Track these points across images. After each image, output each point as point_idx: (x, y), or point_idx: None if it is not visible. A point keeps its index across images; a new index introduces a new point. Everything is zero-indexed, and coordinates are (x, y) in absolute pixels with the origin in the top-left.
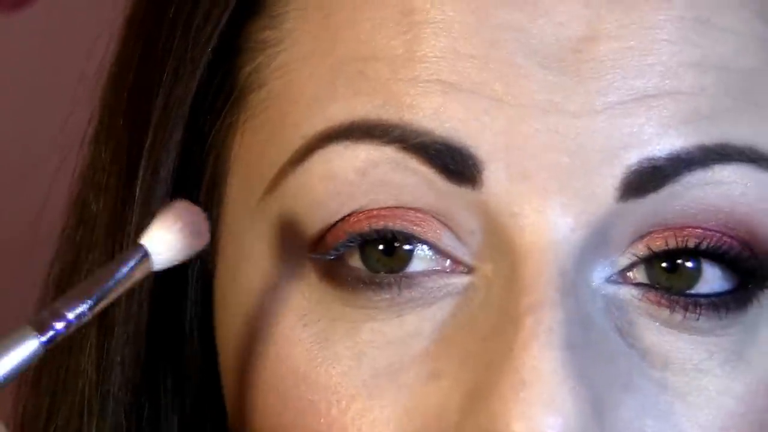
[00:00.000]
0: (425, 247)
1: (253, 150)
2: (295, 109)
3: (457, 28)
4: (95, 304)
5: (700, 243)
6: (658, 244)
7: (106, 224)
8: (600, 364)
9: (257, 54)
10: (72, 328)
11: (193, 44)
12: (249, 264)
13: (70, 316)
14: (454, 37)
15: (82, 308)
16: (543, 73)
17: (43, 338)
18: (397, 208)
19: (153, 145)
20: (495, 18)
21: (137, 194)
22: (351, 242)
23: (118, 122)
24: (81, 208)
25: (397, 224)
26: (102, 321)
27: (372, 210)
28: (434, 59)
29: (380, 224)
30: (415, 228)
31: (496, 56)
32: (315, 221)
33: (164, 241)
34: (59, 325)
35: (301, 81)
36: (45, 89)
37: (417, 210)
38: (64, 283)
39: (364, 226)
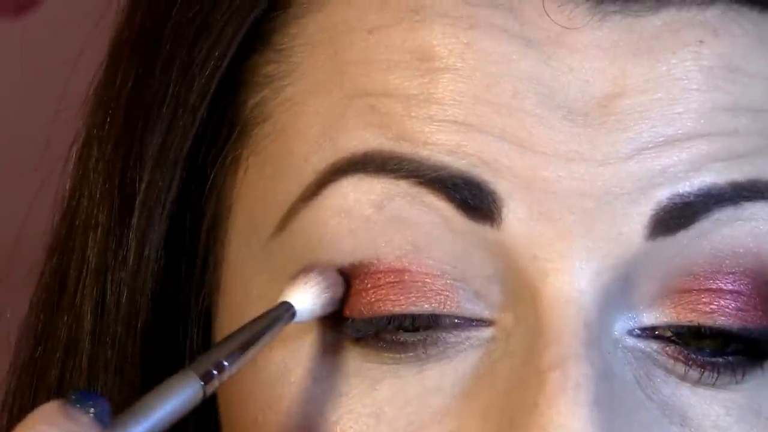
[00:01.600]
0: (446, 319)
1: (258, 187)
2: (302, 142)
3: (478, 76)
4: (245, 353)
5: (730, 325)
6: (689, 318)
7: (97, 264)
8: (622, 418)
9: (262, 88)
10: (225, 375)
11: (193, 86)
12: (258, 309)
13: (226, 363)
14: (475, 84)
15: (237, 357)
16: (567, 124)
17: (206, 384)
18: (414, 274)
19: (149, 186)
20: (518, 70)
21: (131, 236)
22: (369, 327)
23: (107, 151)
24: (66, 237)
25: (417, 308)
26: (93, 362)
27: (389, 279)
28: (452, 102)
29: (399, 309)
30: (435, 305)
31: (518, 105)
32: (327, 263)
33: (306, 305)
34: (216, 372)
35: (308, 114)
36: (47, 94)
37: (436, 275)
38: (48, 313)
39: (384, 310)
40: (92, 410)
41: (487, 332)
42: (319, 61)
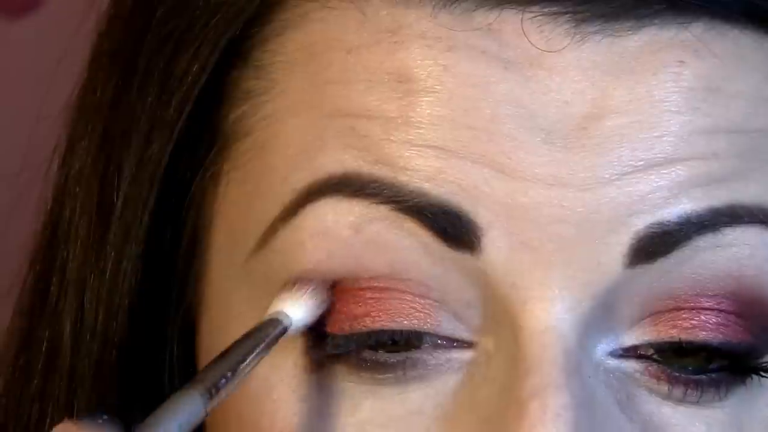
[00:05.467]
0: (426, 337)
1: (238, 203)
2: (281, 160)
3: (456, 100)
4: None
5: (711, 339)
6: (670, 334)
7: (76, 277)
8: None
9: (242, 103)
10: (226, 391)
11: (170, 102)
12: (238, 326)
13: (222, 381)
14: (452, 107)
15: (233, 372)
16: (546, 148)
17: (208, 401)
18: (393, 292)
19: (126, 202)
20: (496, 93)
21: (108, 251)
22: (349, 342)
23: (87, 163)
24: (48, 246)
25: (397, 324)
26: (72, 375)
27: (368, 296)
28: (430, 126)
29: (379, 325)
30: (415, 323)
31: (496, 130)
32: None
33: (301, 316)
34: (219, 387)
35: (287, 131)
36: (48, 96)
37: (416, 295)
38: (30, 321)
39: (364, 326)
40: (104, 417)
41: (467, 354)
42: (298, 79)
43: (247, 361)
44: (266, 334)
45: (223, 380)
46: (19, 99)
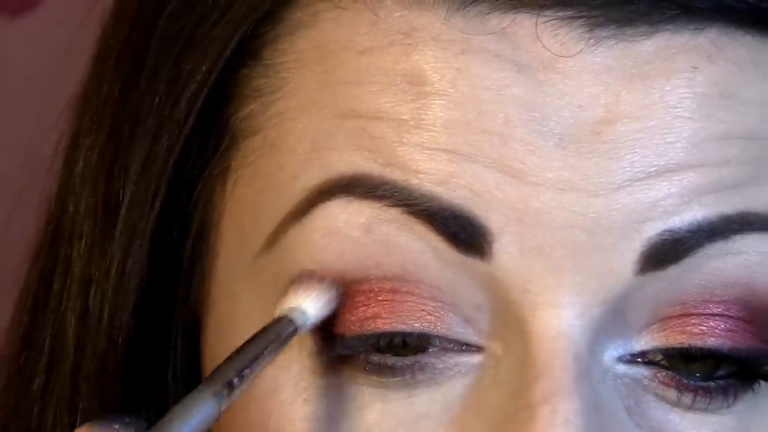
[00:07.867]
0: (436, 340)
1: (247, 201)
2: (292, 158)
3: (470, 103)
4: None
5: (720, 346)
6: (679, 340)
7: (81, 276)
8: None
9: (251, 101)
10: (237, 392)
11: (178, 100)
12: (244, 325)
13: (236, 381)
14: (466, 111)
15: (246, 372)
16: (559, 153)
17: (222, 402)
18: (404, 294)
19: (133, 200)
20: (510, 96)
21: (113, 250)
22: (359, 344)
23: (92, 160)
24: (50, 243)
25: (407, 327)
26: (76, 373)
27: (380, 298)
28: (443, 129)
29: (389, 327)
30: (426, 325)
31: (510, 134)
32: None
33: (310, 316)
34: (233, 386)
35: (298, 130)
36: (47, 94)
37: (426, 297)
38: (32, 319)
39: (374, 328)
40: (124, 420)
41: (476, 358)
42: (309, 79)
43: (260, 360)
44: (278, 332)
45: (237, 379)
46: (17, 98)
